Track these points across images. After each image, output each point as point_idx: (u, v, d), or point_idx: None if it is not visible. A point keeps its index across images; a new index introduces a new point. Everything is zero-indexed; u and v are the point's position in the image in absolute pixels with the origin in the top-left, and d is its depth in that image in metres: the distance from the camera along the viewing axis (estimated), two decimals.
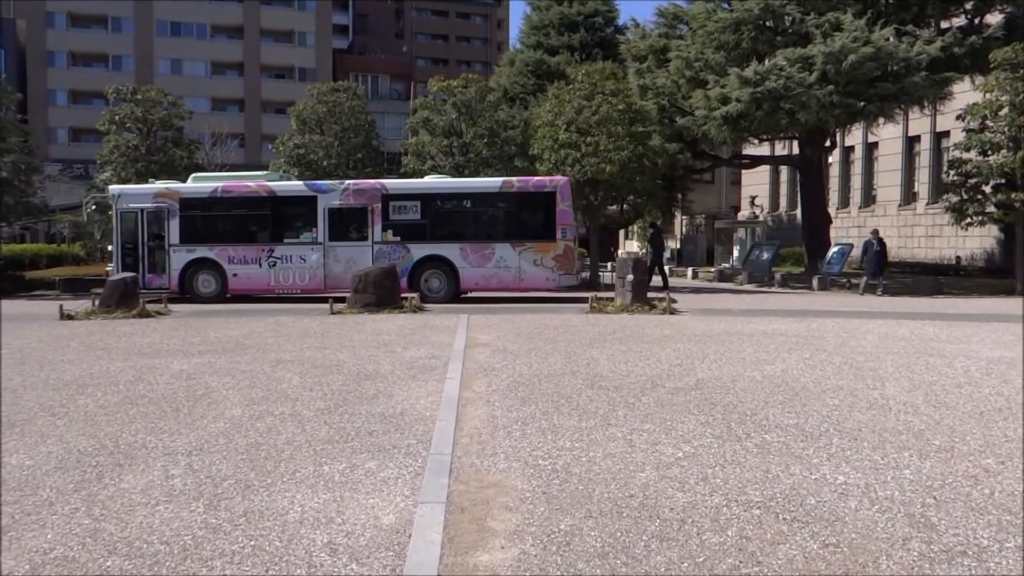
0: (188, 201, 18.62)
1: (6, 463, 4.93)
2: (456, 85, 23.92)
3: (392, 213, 18.25)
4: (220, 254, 18.45)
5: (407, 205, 18.29)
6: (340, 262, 18.15)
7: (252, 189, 18.74)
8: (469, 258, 17.98)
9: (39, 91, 54.35)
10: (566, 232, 18.11)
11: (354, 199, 18.30)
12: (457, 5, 78.86)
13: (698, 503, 4.14)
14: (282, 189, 18.96)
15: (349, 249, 18.20)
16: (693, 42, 24.71)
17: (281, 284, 18.34)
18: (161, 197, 18.61)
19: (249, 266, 18.29)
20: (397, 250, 18.13)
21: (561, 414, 6.15)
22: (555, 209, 18.04)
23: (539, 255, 17.89)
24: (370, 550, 3.55)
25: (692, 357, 8.98)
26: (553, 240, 17.93)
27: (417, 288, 17.93)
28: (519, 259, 17.87)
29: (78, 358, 9.24)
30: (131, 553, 3.53)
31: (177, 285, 18.43)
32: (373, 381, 7.59)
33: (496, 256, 17.95)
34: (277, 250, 18.39)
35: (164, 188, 19.06)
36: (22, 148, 32.31)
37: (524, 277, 17.89)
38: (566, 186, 18.43)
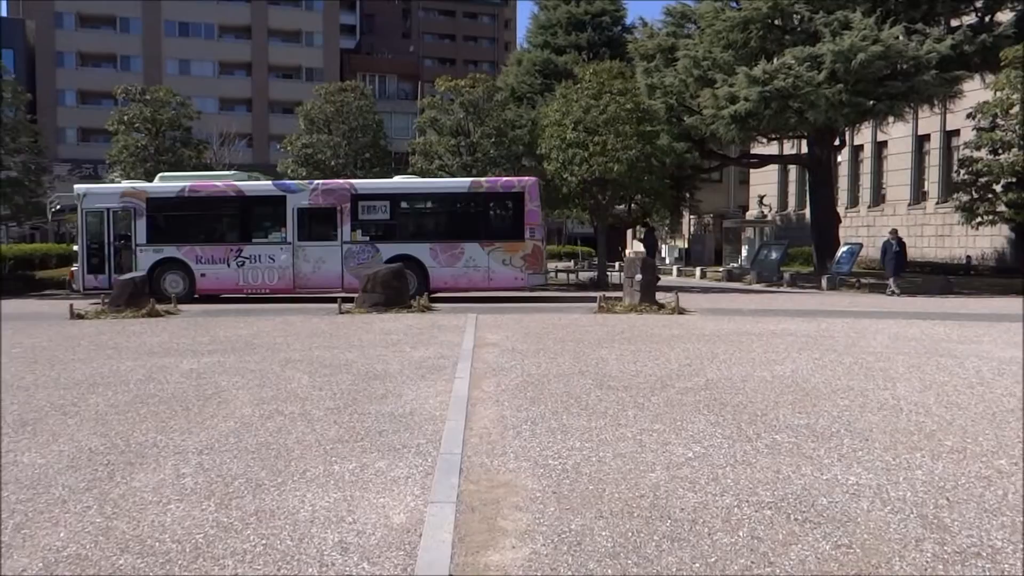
0: (155, 201, 18.46)
1: (18, 461, 4.96)
2: (463, 85, 23.92)
3: (361, 213, 18.30)
4: (188, 254, 18.32)
5: (376, 205, 18.36)
6: (309, 262, 18.18)
7: (220, 189, 18.69)
8: (439, 258, 18.06)
9: (48, 91, 54.58)
10: (535, 232, 18.31)
11: (323, 199, 18.32)
12: (464, 5, 78.85)
13: (709, 503, 4.12)
14: (250, 189, 18.92)
15: (318, 249, 18.22)
16: (701, 41, 24.65)
17: (250, 284, 18.29)
18: (128, 197, 18.48)
19: (217, 266, 18.20)
20: (366, 250, 18.19)
21: (571, 414, 6.14)
22: (524, 209, 18.23)
23: (508, 255, 18.06)
24: (381, 549, 3.56)
25: (702, 357, 8.96)
26: (522, 240, 18.11)
27: None
28: (488, 259, 18.01)
29: (88, 357, 9.28)
30: (143, 551, 3.54)
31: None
32: (382, 381, 7.59)
33: (466, 256, 18.05)
34: (246, 250, 18.33)
35: (131, 188, 19.01)
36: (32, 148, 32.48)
37: (493, 276, 18.03)
38: (534, 186, 18.59)
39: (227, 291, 18.41)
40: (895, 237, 21.48)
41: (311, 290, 18.34)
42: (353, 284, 17.98)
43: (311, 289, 18.30)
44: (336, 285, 18.13)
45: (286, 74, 60.40)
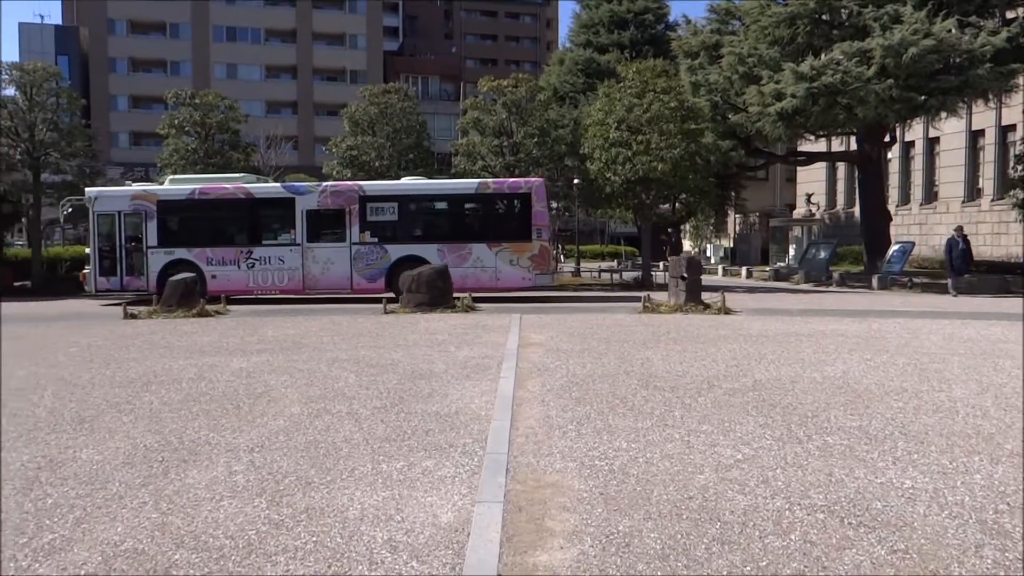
0: (166, 204, 18.66)
1: (77, 457, 5.09)
2: (506, 85, 23.94)
3: (370, 214, 18.38)
4: (198, 256, 18.47)
5: (385, 206, 18.45)
6: (318, 263, 18.30)
7: (230, 191, 18.85)
8: (447, 258, 18.00)
9: (101, 96, 56.04)
10: (542, 232, 18.35)
11: (332, 201, 18.45)
12: (506, 5, 79.00)
13: (759, 506, 4.06)
14: (260, 191, 19.09)
15: (327, 250, 18.34)
16: (746, 37, 24.35)
17: (260, 285, 18.44)
18: (138, 200, 18.70)
19: (227, 267, 18.36)
20: (375, 251, 18.28)
21: (616, 414, 6.11)
22: (531, 210, 18.28)
23: (515, 255, 18.11)
24: (429, 548, 3.57)
25: (749, 357, 8.84)
26: (529, 240, 18.17)
27: (395, 289, 18.11)
28: (496, 259, 18.05)
29: (142, 356, 9.49)
30: (198, 547, 3.61)
31: (156, 287, 17.93)
32: (428, 380, 7.63)
33: (473, 256, 18.11)
34: (255, 251, 18.49)
35: (141, 191, 19.26)
36: (86, 152, 33.37)
37: (501, 276, 18.06)
38: (541, 187, 18.63)
39: (237, 292, 18.54)
40: (960, 235, 20.84)
41: (320, 291, 18.46)
42: (362, 285, 18.26)
43: (320, 290, 18.43)
44: (345, 286, 18.27)
45: (330, 77, 61.17)
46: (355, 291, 18.23)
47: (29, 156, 30.91)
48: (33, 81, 31.19)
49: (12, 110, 30.96)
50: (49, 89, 31.84)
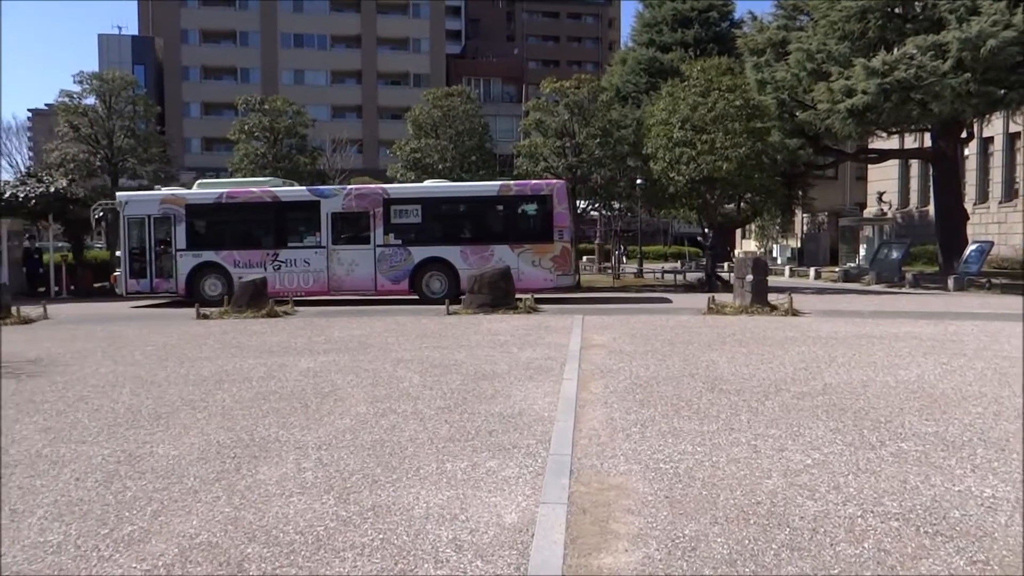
0: (194, 207, 18.91)
1: (154, 452, 5.27)
2: (568, 86, 23.88)
3: (393, 217, 18.49)
4: (226, 258, 18.70)
5: (408, 209, 18.54)
6: (343, 265, 18.45)
7: (256, 195, 19.11)
8: (469, 260, 18.09)
9: (175, 104, 57.94)
10: (563, 233, 18.28)
11: (356, 204, 18.59)
12: (568, 6, 78.84)
13: (830, 512, 3.97)
14: (286, 195, 19.32)
15: (352, 252, 18.47)
16: (815, 33, 23.79)
17: (286, 287, 18.59)
18: (167, 204, 18.92)
19: (255, 269, 18.44)
20: (399, 253, 18.37)
21: (681, 417, 6.04)
22: (552, 211, 18.19)
23: (537, 256, 18.04)
24: (494, 548, 3.59)
25: (818, 360, 8.64)
26: (551, 241, 18.10)
27: (418, 290, 18.26)
28: (518, 260, 17.94)
29: (214, 355, 9.77)
30: (269, 541, 3.70)
31: (184, 289, 18.72)
32: (491, 381, 7.67)
33: (495, 257, 18.01)
34: (281, 254, 18.69)
35: (170, 195, 19.59)
36: (161, 158, 34.59)
37: (523, 277, 17.88)
38: (563, 189, 18.57)
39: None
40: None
41: (344, 292, 18.64)
42: (385, 287, 18.40)
43: (345, 291, 18.62)
44: (369, 288, 18.41)
45: (394, 81, 62.00)
46: (379, 292, 18.40)
47: (108, 162, 32.20)
48: (112, 90, 32.48)
49: (92, 118, 32.28)
50: (127, 97, 33.12)
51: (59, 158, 31.45)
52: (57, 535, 3.82)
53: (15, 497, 4.41)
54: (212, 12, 59.57)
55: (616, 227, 38.48)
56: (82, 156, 31.76)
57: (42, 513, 4.13)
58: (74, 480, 4.70)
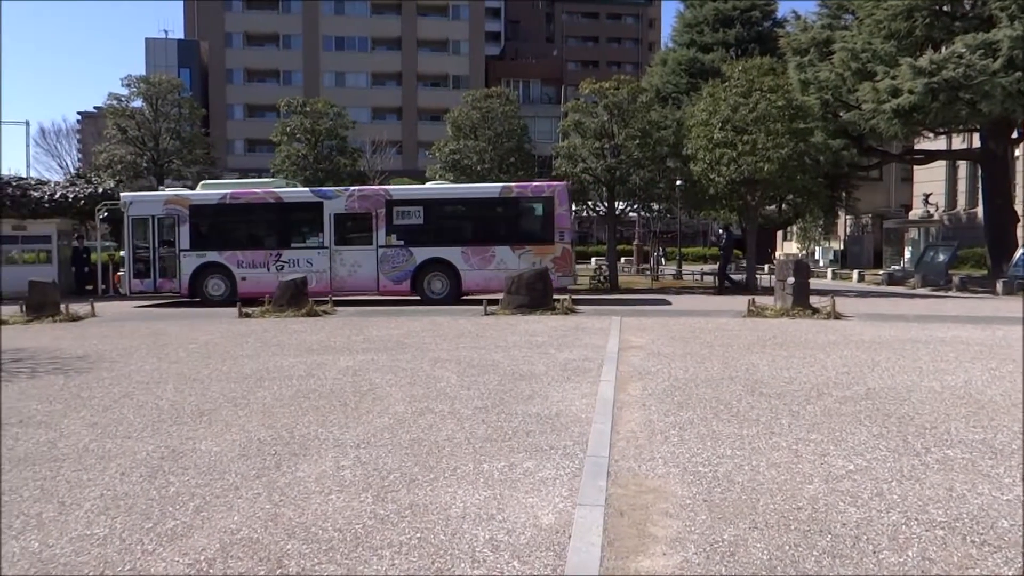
0: (198, 208, 19.02)
1: (197, 448, 5.36)
2: (608, 87, 23.78)
3: (396, 218, 18.56)
4: (229, 259, 18.82)
5: (410, 210, 18.62)
6: (346, 265, 18.54)
7: (260, 196, 19.22)
8: (470, 261, 18.27)
9: (219, 106, 58.92)
10: (564, 235, 18.36)
11: (359, 205, 18.68)
12: (608, 6, 78.54)
13: (873, 519, 3.89)
14: (289, 196, 19.46)
15: (354, 253, 18.58)
16: (860, 32, 23.40)
17: None
18: (171, 204, 19.07)
19: (257, 270, 18.71)
20: (401, 254, 18.45)
21: (720, 420, 5.97)
22: (553, 213, 18.28)
23: (538, 257, 18.07)
24: (531, 549, 3.59)
25: (861, 365, 8.48)
26: (551, 243, 18.20)
27: (420, 290, 18.31)
28: (519, 261, 18.01)
29: (255, 353, 9.92)
30: (308, 538, 3.74)
31: (188, 289, 18.87)
32: (528, 382, 7.67)
33: (496, 259, 18.19)
34: (284, 254, 18.81)
35: (174, 195, 19.79)
36: (205, 159, 35.25)
37: None
38: (564, 191, 18.57)
39: (267, 294, 18.75)
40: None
41: (347, 292, 18.71)
42: (388, 287, 18.49)
43: (347, 292, 18.69)
44: (372, 288, 18.47)
45: (434, 83, 62.36)
46: (381, 293, 18.47)
47: (154, 164, 32.91)
48: (158, 93, 33.20)
49: (140, 120, 33.03)
50: (173, 100, 33.83)
51: (107, 160, 32.21)
52: (103, 528, 3.91)
53: (63, 490, 4.51)
54: (256, 16, 60.51)
55: (655, 228, 38.23)
56: (129, 158, 32.49)
57: (89, 506, 4.23)
58: (120, 475, 4.80)
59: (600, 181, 23.65)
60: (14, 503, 4.30)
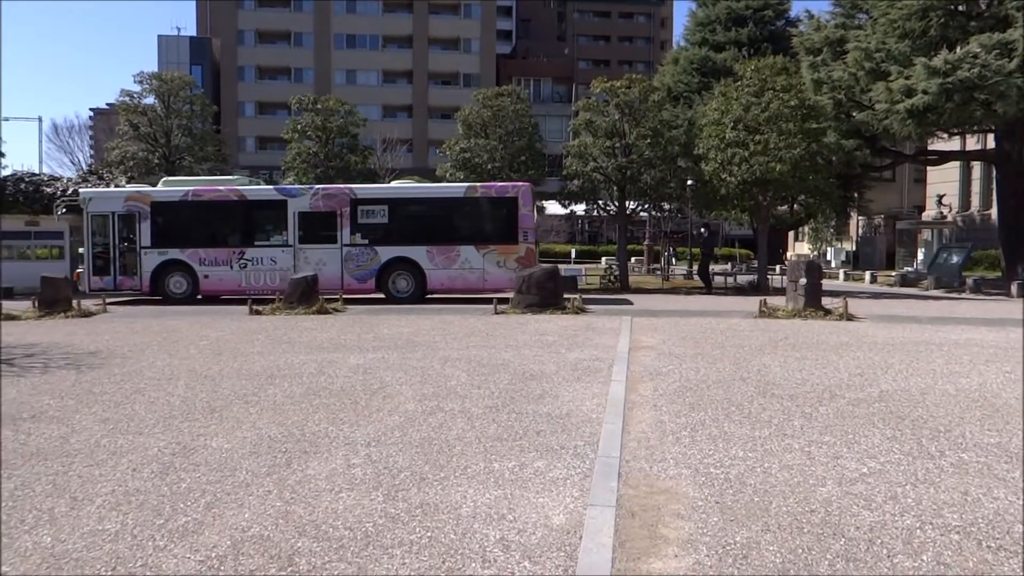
0: (159, 205, 18.87)
1: (207, 445, 5.37)
2: (619, 86, 23.71)
3: (361, 217, 18.58)
4: (191, 256, 18.71)
5: (375, 209, 18.66)
6: (310, 264, 18.51)
7: (223, 193, 19.13)
8: (435, 260, 18.37)
9: (231, 103, 59.06)
10: (527, 235, 18.49)
11: (323, 203, 18.67)
12: (620, 5, 78.31)
13: (887, 523, 3.86)
14: (252, 193, 19.41)
15: (319, 251, 18.59)
16: (874, 31, 23.25)
17: (252, 285, 18.70)
18: (132, 201, 18.91)
19: (220, 268, 18.66)
20: (365, 252, 18.50)
21: (732, 422, 5.94)
22: (517, 213, 18.39)
23: (502, 257, 18.28)
24: (542, 549, 3.57)
25: (874, 367, 8.43)
26: (515, 243, 18.33)
27: (384, 289, 18.29)
28: (483, 261, 18.28)
29: (266, 350, 9.93)
30: (319, 536, 3.74)
31: (149, 286, 18.69)
32: (538, 381, 7.65)
33: (461, 258, 18.35)
34: (248, 252, 18.75)
35: (135, 192, 19.70)
36: (217, 156, 35.35)
37: (488, 278, 18.32)
38: (527, 192, 18.66)
39: (230, 292, 18.82)
40: None
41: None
42: (352, 286, 18.51)
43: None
44: (336, 287, 18.35)
45: (445, 81, 62.34)
46: (345, 291, 18.41)
47: (166, 160, 33.04)
48: (170, 90, 33.32)
49: (152, 117, 33.16)
50: (184, 97, 33.95)
51: (119, 156, 32.36)
52: (115, 524, 3.92)
53: (75, 486, 4.53)
54: (268, 13, 60.62)
55: (666, 228, 38.11)
56: (141, 154, 32.63)
57: (101, 502, 4.24)
58: (131, 470, 4.81)
59: (611, 180, 23.59)
60: (27, 498, 4.32)
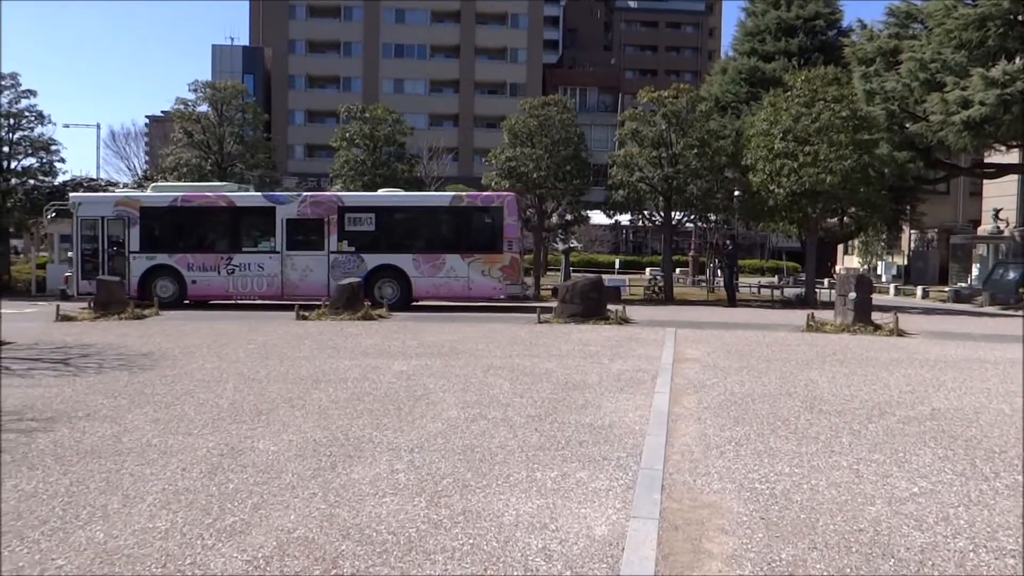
0: (148, 210, 19.03)
1: (255, 447, 5.46)
2: (666, 95, 23.56)
3: (348, 224, 18.68)
4: (179, 261, 18.81)
5: (362, 217, 18.76)
6: (297, 270, 18.63)
7: (211, 199, 19.26)
8: (421, 268, 18.44)
9: (281, 112, 60.15)
10: (512, 244, 18.60)
11: (311, 210, 18.75)
12: (667, 15, 78.01)
13: (939, 545, 3.77)
14: (241, 200, 19.51)
15: (306, 258, 18.67)
16: (929, 41, 22.77)
17: (239, 291, 18.81)
18: (122, 206, 19.10)
19: (208, 273, 18.76)
20: (352, 260, 18.57)
21: (778, 437, 5.86)
22: (502, 223, 18.53)
23: (487, 266, 18.37)
24: (584, 560, 3.56)
25: (926, 384, 8.23)
26: (500, 252, 18.44)
27: (371, 296, 18.17)
28: (468, 269, 18.36)
29: (312, 355, 10.07)
30: (363, 540, 3.77)
31: (137, 291, 18.55)
32: (581, 391, 7.63)
33: (447, 266, 18.44)
34: (236, 258, 18.83)
35: (124, 197, 19.92)
36: (267, 163, 35.95)
37: (473, 286, 18.42)
38: (512, 201, 18.79)
39: (217, 297, 18.89)
40: None
41: (299, 298, 18.53)
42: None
43: (299, 297, 18.57)
44: (323, 293, 18.33)
45: (491, 90, 62.67)
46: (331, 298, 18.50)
47: (218, 167, 33.71)
48: (224, 98, 34.00)
49: (205, 124, 33.88)
50: (237, 105, 34.61)
51: (173, 163, 33.09)
52: (165, 522, 4.00)
53: (127, 483, 4.64)
54: (319, 23, 61.67)
55: (712, 240, 37.75)
56: (194, 161, 33.32)
57: (151, 500, 4.34)
58: (181, 470, 4.91)
59: (657, 190, 23.44)
60: (81, 494, 4.44)
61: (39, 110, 29.53)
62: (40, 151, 29.34)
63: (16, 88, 29.14)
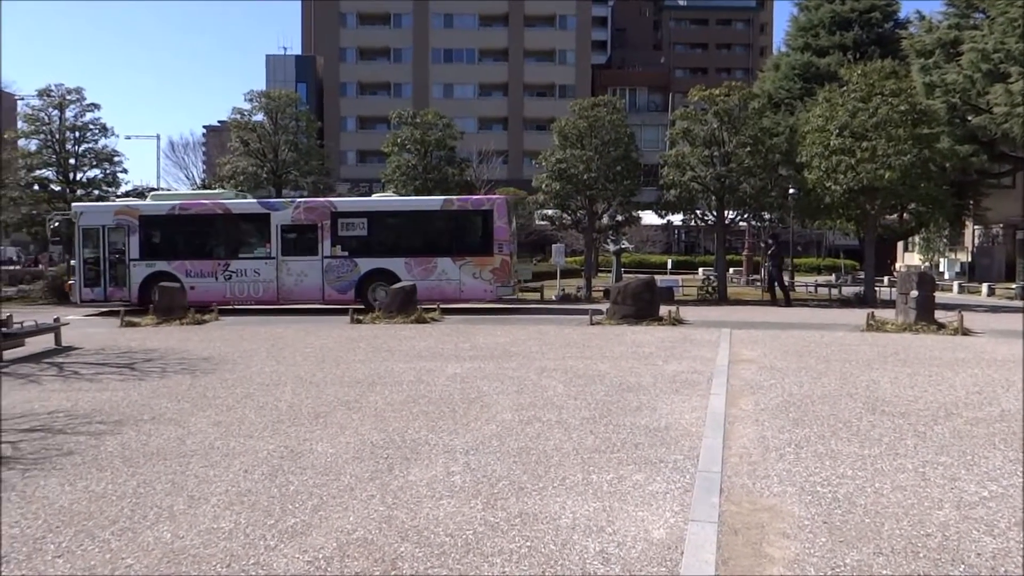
0: (147, 219, 19.31)
1: (313, 450, 5.55)
2: (718, 93, 23.25)
3: (341, 229, 18.83)
4: (178, 268, 19.03)
5: (355, 222, 18.91)
6: (292, 275, 18.78)
7: (208, 207, 19.49)
8: (413, 271, 18.49)
9: (333, 119, 61.06)
10: (503, 247, 18.62)
11: (305, 216, 18.90)
12: (717, 12, 77.01)
13: (1012, 550, 3.64)
14: (236, 207, 19.73)
15: (300, 263, 18.82)
16: (992, 31, 22.07)
17: (236, 296, 18.99)
18: (122, 215, 19.41)
19: (205, 279, 19.00)
20: (345, 264, 18.71)
21: (839, 439, 5.73)
22: (493, 226, 18.60)
23: (478, 268, 18.51)
24: (642, 563, 3.53)
25: (994, 384, 7.97)
26: (491, 254, 18.54)
27: (364, 299, 18.30)
28: (460, 272, 18.53)
29: (367, 358, 10.19)
30: (421, 541, 3.81)
31: (137, 298, 18.91)
32: (636, 393, 7.57)
33: (438, 269, 18.57)
34: (232, 264, 19.07)
35: (124, 206, 20.16)
36: (320, 170, 36.55)
37: (464, 289, 18.56)
38: (503, 204, 18.86)
39: (215, 303, 18.79)
40: None
41: (294, 302, 18.86)
42: (333, 297, 18.69)
43: (294, 301, 18.87)
44: (317, 298, 18.60)
45: (540, 92, 62.69)
46: (326, 302, 18.68)
47: (273, 174, 34.39)
48: (278, 107, 34.69)
49: (260, 133, 34.60)
50: (291, 114, 35.27)
51: (230, 171, 33.86)
52: (229, 523, 4.09)
53: (192, 485, 4.76)
54: (369, 31, 62.50)
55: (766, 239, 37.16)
56: (251, 169, 34.05)
57: (215, 501, 4.44)
58: (243, 472, 5.02)
59: (709, 190, 23.16)
60: (148, 495, 4.57)
61: (103, 123, 30.53)
62: (104, 162, 30.32)
63: (81, 102, 30.16)
